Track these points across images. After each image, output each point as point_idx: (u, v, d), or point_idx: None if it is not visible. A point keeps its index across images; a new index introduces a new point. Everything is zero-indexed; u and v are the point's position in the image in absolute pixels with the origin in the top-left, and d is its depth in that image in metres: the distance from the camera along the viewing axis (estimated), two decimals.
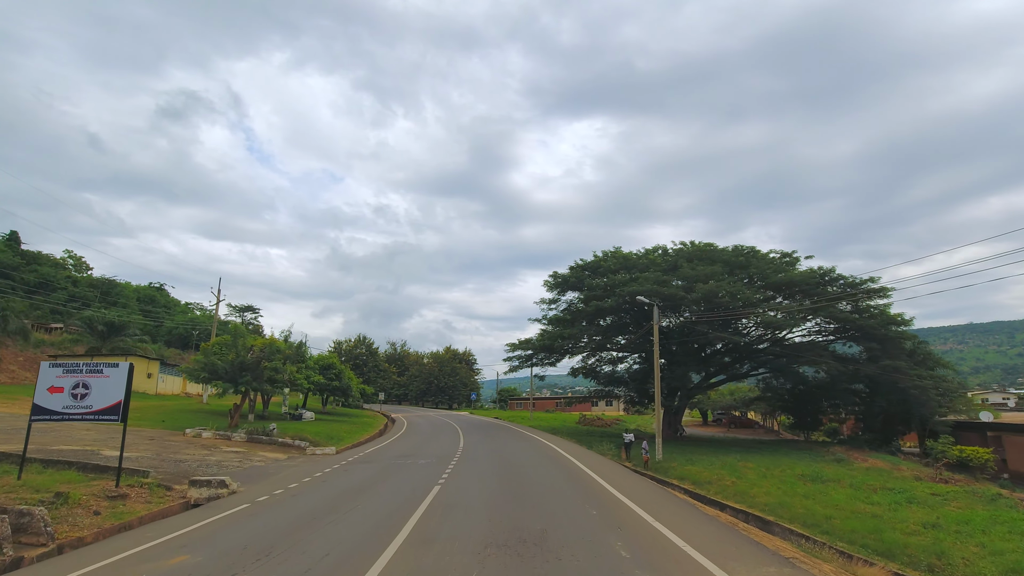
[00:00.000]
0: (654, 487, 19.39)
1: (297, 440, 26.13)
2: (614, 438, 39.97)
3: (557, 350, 45.54)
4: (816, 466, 26.58)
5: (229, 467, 18.91)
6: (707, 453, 31.95)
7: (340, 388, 43.78)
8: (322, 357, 44.66)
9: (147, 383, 51.19)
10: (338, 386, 43.32)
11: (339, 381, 43.77)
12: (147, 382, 51.19)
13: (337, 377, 43.89)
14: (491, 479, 17.03)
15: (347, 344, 74.81)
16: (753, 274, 36.31)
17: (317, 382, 38.72)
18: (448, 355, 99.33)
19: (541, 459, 23.39)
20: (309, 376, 38.12)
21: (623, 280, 35.60)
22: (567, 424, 56.43)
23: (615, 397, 50.71)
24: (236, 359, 27.15)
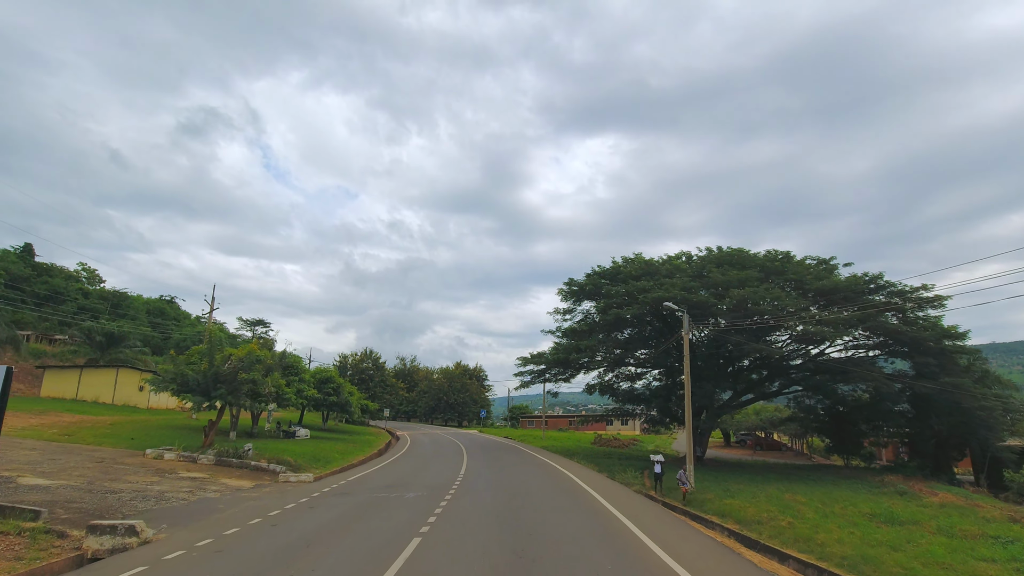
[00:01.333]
0: (697, 534, 15.26)
1: (273, 464, 22.32)
2: (635, 462, 35.69)
3: (572, 365, 41.49)
4: (880, 501, 22.22)
5: (171, 500, 15.12)
6: (743, 481, 27.72)
7: (338, 404, 40.06)
8: (319, 371, 41.05)
9: (138, 396, 47.74)
10: (336, 401, 39.61)
11: (337, 396, 40.06)
12: (138, 395, 47.75)
13: (335, 392, 40.20)
14: (491, 526, 13.02)
15: (353, 358, 71.35)
16: (790, 280, 32.21)
17: (311, 397, 35.02)
18: (458, 371, 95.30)
19: (556, 493, 19.26)
20: (302, 390, 34.42)
21: (645, 287, 31.67)
22: (582, 445, 52.05)
23: (633, 416, 46.39)
24: (210, 369, 23.56)
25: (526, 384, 44.01)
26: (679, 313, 25.94)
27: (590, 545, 11.66)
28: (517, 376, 43.64)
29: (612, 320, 32.84)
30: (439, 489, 18.59)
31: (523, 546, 10.94)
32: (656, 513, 17.40)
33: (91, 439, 25.80)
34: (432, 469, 26.27)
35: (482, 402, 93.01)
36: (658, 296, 29.47)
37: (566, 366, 41.69)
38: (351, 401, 41.33)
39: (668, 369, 41.81)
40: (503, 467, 28.01)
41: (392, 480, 21.46)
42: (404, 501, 16.00)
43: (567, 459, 35.61)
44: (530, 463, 31.60)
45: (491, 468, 27.10)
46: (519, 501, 16.50)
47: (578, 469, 29.32)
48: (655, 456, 21.69)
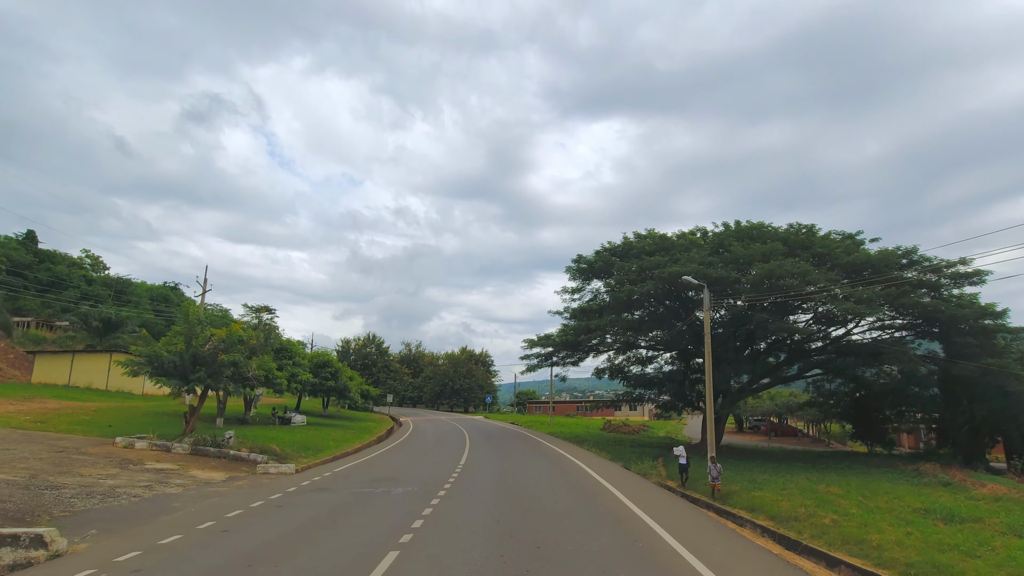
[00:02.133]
0: (728, 534, 12.92)
1: (255, 453, 20.13)
2: (648, 449, 33.42)
3: (580, 347, 39.12)
4: (926, 494, 19.81)
5: (120, 498, 12.91)
6: (766, 470, 25.38)
7: (336, 389, 37.95)
8: (316, 354, 38.94)
9: (133, 383, 45.69)
10: (334, 387, 37.50)
11: (335, 381, 37.94)
12: (133, 382, 45.73)
13: (333, 377, 38.07)
14: (489, 534, 10.70)
15: (356, 343, 69.30)
16: (816, 255, 29.57)
17: (306, 382, 32.88)
18: (464, 356, 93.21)
19: (567, 489, 16.89)
20: (296, 375, 32.25)
21: (660, 262, 29.15)
22: (591, 431, 49.83)
23: (645, 401, 44.10)
24: (187, 351, 21.35)
25: (532, 368, 41.73)
26: (697, 291, 23.44)
27: (613, 552, 9.31)
28: (523, 360, 41.39)
29: (624, 298, 30.38)
30: (433, 484, 16.30)
31: (529, 565, 8.58)
32: (680, 509, 15.08)
33: (64, 426, 23.73)
34: (429, 459, 24.03)
35: (488, 388, 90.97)
36: (674, 271, 26.95)
37: (574, 349, 39.34)
38: (350, 386, 39.22)
39: (682, 352, 39.35)
40: (507, 457, 25.75)
41: (383, 472, 19.20)
42: (390, 499, 13.71)
43: (576, 446, 33.35)
44: (537, 452, 29.36)
45: (494, 458, 24.82)
46: (525, 500, 14.14)
47: (589, 458, 27.01)
48: (677, 450, 19.29)
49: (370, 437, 33.98)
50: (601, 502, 14.66)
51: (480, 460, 23.48)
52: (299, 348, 34.38)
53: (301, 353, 34.71)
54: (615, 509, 13.86)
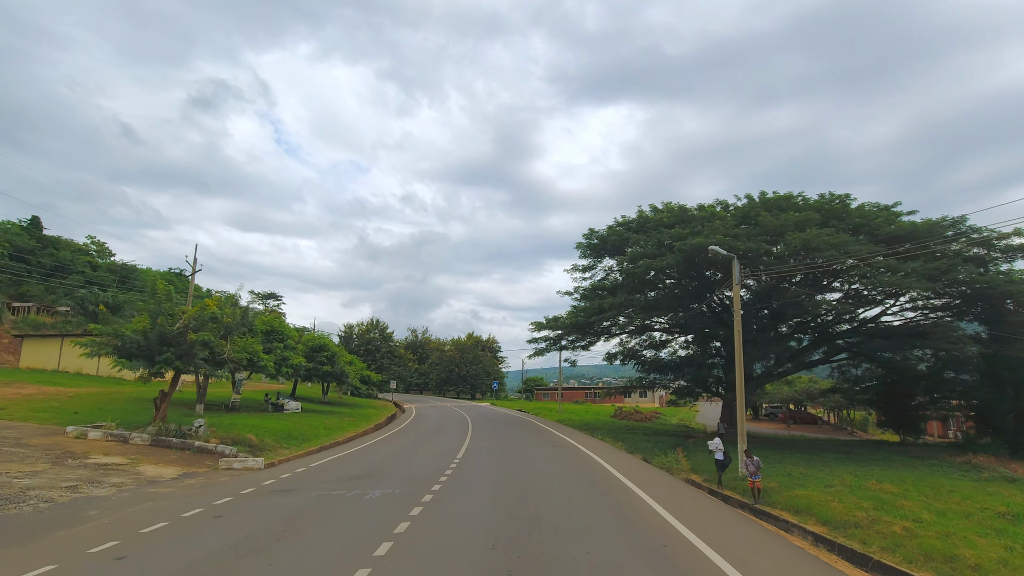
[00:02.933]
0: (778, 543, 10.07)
1: (224, 445, 17.47)
2: (665, 438, 30.66)
3: (591, 330, 36.25)
4: (996, 492, 16.89)
5: (28, 501, 10.26)
6: (797, 461, 22.60)
7: (332, 374, 35.38)
8: (311, 337, 36.35)
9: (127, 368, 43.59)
10: (330, 371, 34.90)
11: (331, 366, 35.34)
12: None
13: (329, 361, 35.48)
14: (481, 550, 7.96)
15: (360, 328, 66.66)
16: (855, 225, 26.43)
17: (298, 366, 30.26)
18: (471, 342, 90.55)
19: (583, 488, 13.95)
20: (287, 358, 29.64)
21: (681, 234, 26.16)
22: (601, 418, 47.09)
23: (658, 387, 41.24)
24: (152, 329, 18.73)
25: (540, 352, 38.93)
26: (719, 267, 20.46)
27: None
28: (531, 343, 38.58)
29: (641, 274, 27.40)
30: (420, 483, 13.50)
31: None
32: (718, 514, 12.24)
33: (22, 414, 21.27)
34: (424, 450, 21.30)
35: (495, 374, 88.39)
36: (698, 243, 23.94)
37: (585, 332, 36.49)
38: (348, 372, 36.64)
39: (699, 335, 36.40)
40: (512, 447, 22.98)
41: (367, 466, 16.44)
42: (360, 507, 10.90)
43: (588, 436, 30.58)
44: (546, 442, 26.62)
45: (497, 449, 22.03)
46: (532, 507, 11.26)
47: (604, 449, 24.20)
48: (713, 444, 16.36)
49: (367, 425, 31.40)
50: (627, 508, 11.81)
51: (481, 452, 20.72)
52: (291, 331, 31.79)
53: (294, 336, 32.11)
54: (644, 517, 11.02)
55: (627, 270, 27.63)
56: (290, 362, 29.60)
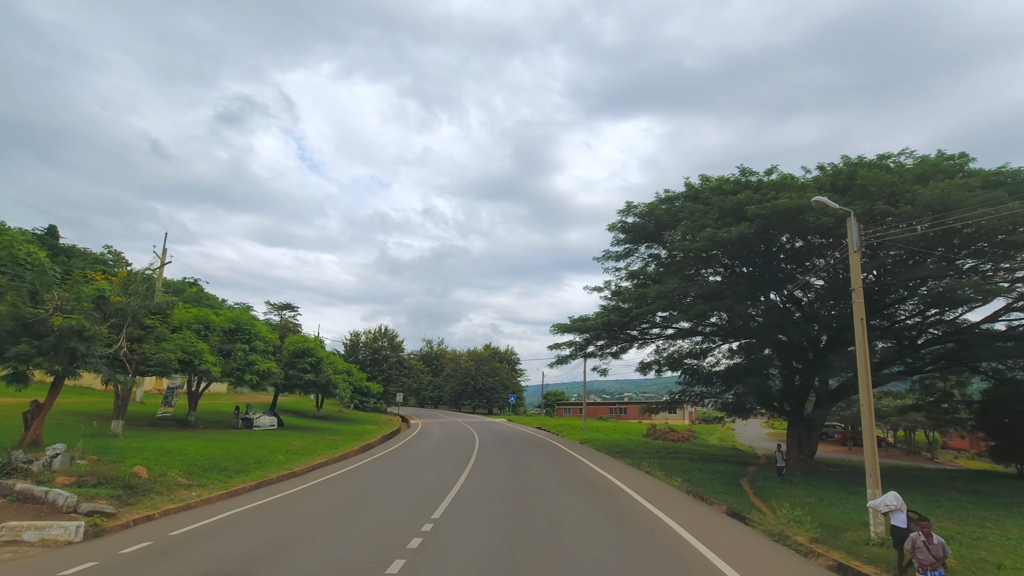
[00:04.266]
0: None
1: (75, 487, 10.95)
2: (720, 465, 23.53)
3: (625, 333, 29.43)
4: None
5: None
6: (930, 507, 15.53)
7: (316, 384, 28.95)
8: (296, 340, 30.05)
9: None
10: (312, 381, 28.48)
11: (315, 374, 28.95)
12: None
13: (313, 369, 29.11)
14: None
15: (367, 336, 60.51)
16: (992, 183, 19.21)
17: (265, 372, 23.79)
18: (488, 353, 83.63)
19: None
20: (252, 363, 23.25)
21: (752, 199, 19.31)
22: (633, 438, 39.81)
23: (708, 400, 33.94)
24: (14, 311, 12.56)
25: (563, 360, 31.97)
26: (813, 234, 13.51)
27: None
28: (553, 349, 31.73)
29: (704, 247, 20.14)
30: None
31: None
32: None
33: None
34: (394, 494, 14.40)
35: (513, 387, 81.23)
36: (788, 203, 17.07)
37: (616, 335, 29.64)
38: (335, 381, 30.20)
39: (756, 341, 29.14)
40: (527, 489, 15.96)
41: (264, 542, 9.51)
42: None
43: (628, 466, 23.54)
44: (571, 474, 19.66)
45: (505, 495, 14.97)
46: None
47: (660, 492, 17.09)
48: (889, 501, 9.17)
49: (351, 446, 24.81)
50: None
51: (478, 500, 13.75)
52: (263, 330, 25.50)
53: (265, 336, 25.79)
54: None
55: (680, 244, 20.55)
56: (255, 368, 23.18)
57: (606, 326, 26.96)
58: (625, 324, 27.63)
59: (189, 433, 21.40)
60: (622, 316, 26.61)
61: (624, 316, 26.56)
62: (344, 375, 32.85)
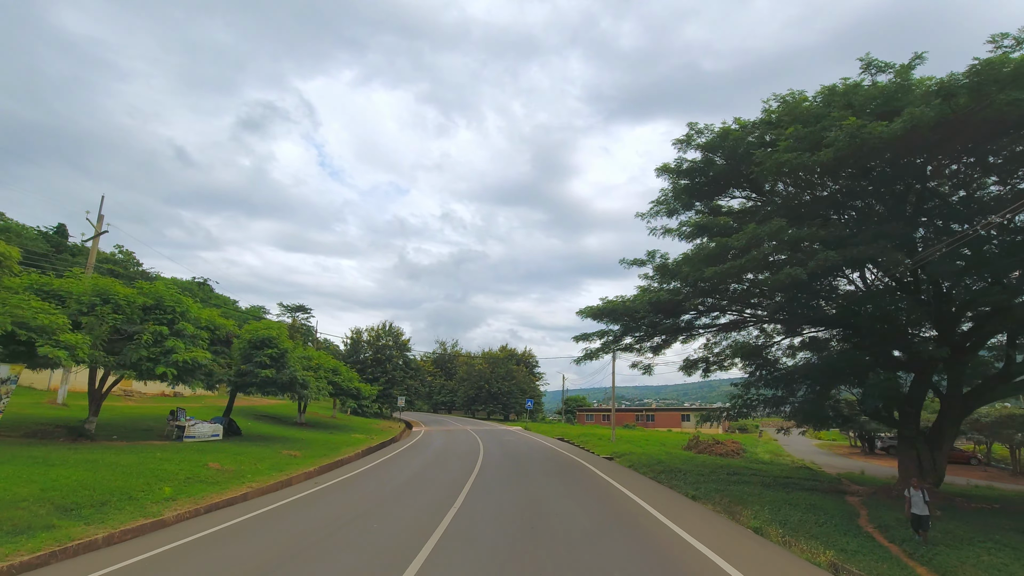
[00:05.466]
0: None
1: None
2: (807, 495, 15.90)
3: (673, 321, 22.18)
4: None
5: None
6: None
7: (278, 381, 22.03)
8: (255, 327, 23.22)
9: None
10: (271, 378, 21.60)
11: (276, 370, 22.09)
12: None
13: (275, 362, 22.29)
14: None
15: (369, 333, 53.55)
16: None
17: (193, 363, 16.94)
18: (504, 355, 76.26)
19: None
20: (171, 351, 16.47)
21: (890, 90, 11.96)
22: (672, 451, 32.14)
23: (772, 409, 26.23)
24: None
25: (591, 355, 24.62)
26: None
27: None
28: (580, 341, 24.45)
29: (838, 161, 12.63)
30: None
31: None
32: None
33: None
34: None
35: (531, 392, 73.72)
36: None
37: (658, 325, 22.38)
38: (306, 380, 23.31)
39: (857, 324, 21.44)
40: (535, 566, 8.78)
41: None
42: None
43: (690, 500, 16.03)
44: (613, 521, 12.28)
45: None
46: None
47: (758, 550, 9.66)
48: None
49: (308, 466, 17.78)
50: None
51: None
52: (194, 308, 18.74)
53: (199, 316, 19.00)
54: None
55: (795, 160, 12.96)
56: (173, 357, 16.34)
57: (655, 305, 19.57)
58: (676, 307, 20.29)
59: (66, 448, 14.63)
60: (673, 295, 19.30)
61: (676, 295, 19.25)
62: (318, 373, 25.88)
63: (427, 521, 11.02)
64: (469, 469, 19.13)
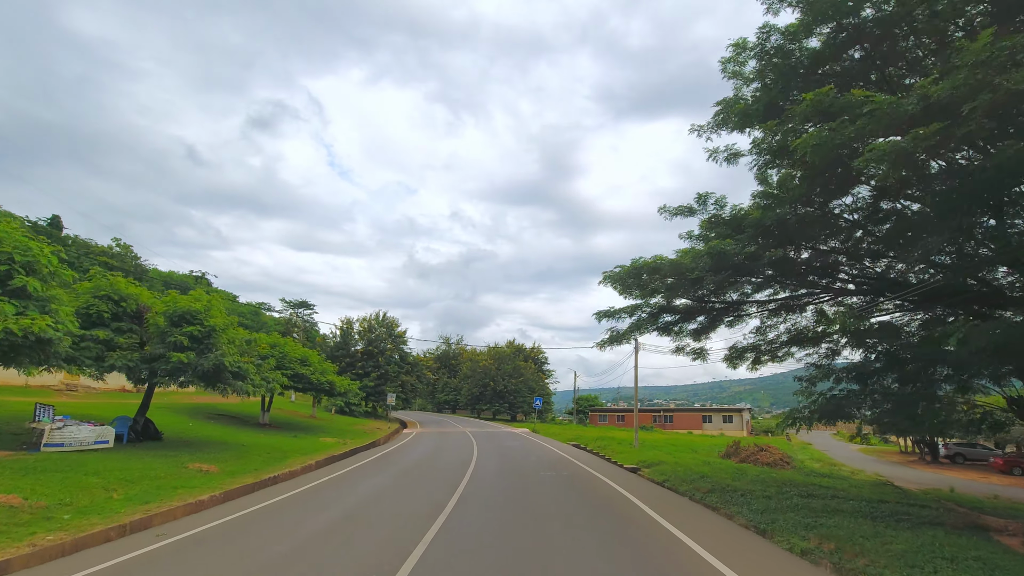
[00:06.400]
0: None
1: None
2: (934, 531, 9.58)
3: (721, 299, 15.99)
4: None
5: None
6: None
7: (201, 370, 15.91)
8: (180, 297, 16.91)
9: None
10: (184, 363, 15.40)
11: (198, 352, 15.94)
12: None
13: (198, 342, 16.21)
14: None
15: (361, 324, 47.32)
16: None
17: (27, 339, 11.05)
18: (511, 350, 69.86)
19: None
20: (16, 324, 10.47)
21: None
22: (710, 460, 25.65)
23: (883, 406, 19.72)
24: None
25: (616, 338, 18.26)
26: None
27: None
28: (602, 319, 18.09)
29: None
30: None
31: None
32: None
33: None
34: None
35: (540, 390, 67.28)
36: None
37: (705, 302, 16.15)
38: (243, 368, 17.22)
39: None
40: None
41: None
42: None
43: (761, 539, 9.54)
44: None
45: None
46: None
47: None
48: None
49: (198, 493, 11.74)
50: None
51: None
52: (53, 261, 12.83)
53: (55, 269, 12.99)
54: None
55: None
56: (31, 329, 10.38)
57: (719, 260, 13.19)
58: (744, 267, 13.98)
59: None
60: (744, 244, 13.04)
61: (747, 245, 13.01)
62: (266, 362, 19.72)
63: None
64: (441, 500, 12.83)
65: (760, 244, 13.60)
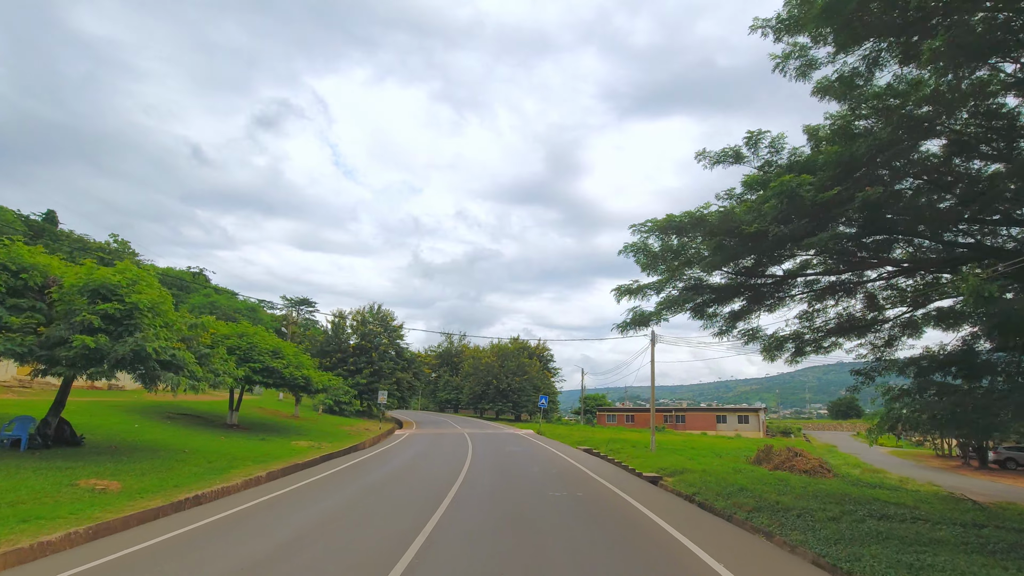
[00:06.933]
0: None
1: None
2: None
3: (769, 275, 12.30)
4: None
5: None
6: None
7: (105, 356, 12.30)
8: (89, 270, 13.39)
9: None
10: (92, 348, 11.88)
11: (114, 338, 12.44)
12: None
13: (115, 323, 12.70)
14: None
15: (354, 317, 43.78)
16: None
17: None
18: (515, 347, 66.11)
19: None
20: None
21: None
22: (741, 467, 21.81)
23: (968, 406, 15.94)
24: None
25: (641, 320, 14.51)
26: None
27: None
28: (622, 298, 14.31)
29: None
30: None
31: None
32: None
33: None
34: None
35: (546, 388, 63.46)
36: None
37: (754, 276, 12.51)
38: (178, 356, 13.66)
39: None
40: None
41: None
42: None
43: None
44: None
45: None
46: None
47: None
48: None
49: (46, 532, 8.24)
50: None
51: None
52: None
53: None
54: None
55: None
56: None
57: (793, 200, 9.47)
58: (824, 211, 10.33)
59: None
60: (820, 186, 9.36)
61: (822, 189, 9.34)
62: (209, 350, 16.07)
63: None
64: (405, 537, 9.14)
65: (845, 187, 9.93)
